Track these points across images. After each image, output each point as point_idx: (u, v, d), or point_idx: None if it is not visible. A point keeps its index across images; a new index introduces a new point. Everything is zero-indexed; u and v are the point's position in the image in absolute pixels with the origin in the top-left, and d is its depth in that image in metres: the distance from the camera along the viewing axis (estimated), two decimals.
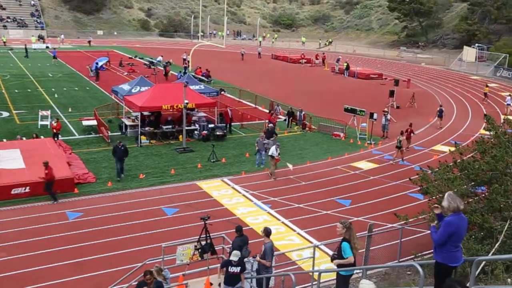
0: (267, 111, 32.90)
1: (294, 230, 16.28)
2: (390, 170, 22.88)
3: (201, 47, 60.25)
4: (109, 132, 25.78)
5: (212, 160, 23.22)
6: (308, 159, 24.18)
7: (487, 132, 14.79)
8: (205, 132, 26.89)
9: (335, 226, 9.48)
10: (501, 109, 37.23)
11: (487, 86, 42.62)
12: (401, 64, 67.33)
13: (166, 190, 19.56)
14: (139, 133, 25.60)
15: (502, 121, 15.29)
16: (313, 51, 77.85)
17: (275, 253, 12.18)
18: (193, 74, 44.40)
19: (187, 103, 24.48)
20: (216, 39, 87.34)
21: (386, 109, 30.28)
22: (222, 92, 37.93)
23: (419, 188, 15.28)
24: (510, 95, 38.07)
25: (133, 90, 28.32)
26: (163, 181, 20.46)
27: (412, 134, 26.68)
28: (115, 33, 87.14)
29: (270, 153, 21.09)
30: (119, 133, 27.25)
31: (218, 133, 27.11)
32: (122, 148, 20.48)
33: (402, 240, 13.72)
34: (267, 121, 28.30)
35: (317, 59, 64.48)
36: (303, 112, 30.40)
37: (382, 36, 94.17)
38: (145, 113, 26.93)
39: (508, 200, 12.20)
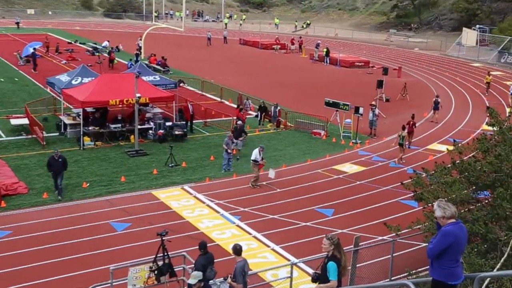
0: (235, 106, 32.89)
1: (268, 246, 16.32)
2: (379, 174, 23.20)
3: (156, 30, 59.76)
4: (44, 132, 25.36)
5: (170, 165, 23.10)
6: (284, 162, 24.29)
7: (490, 128, 15.10)
8: (161, 131, 26.72)
9: (315, 240, 9.56)
10: (506, 100, 38.17)
11: (489, 74, 43.00)
12: (391, 49, 68.39)
13: (115, 201, 19.35)
14: (82, 133, 25.26)
15: (507, 114, 15.62)
16: (288, 35, 78.29)
17: (249, 272, 12.17)
18: (147, 62, 44.03)
19: (139, 97, 24.27)
20: (173, 21, 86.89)
21: (373, 103, 30.69)
22: (182, 84, 37.74)
23: (412, 194, 15.51)
24: None
25: (73, 82, 27.93)
26: (111, 191, 20.25)
27: (414, 127, 27.15)
28: (50, 12, 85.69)
29: (253, 158, 21.02)
30: (57, 134, 26.82)
31: (177, 132, 27.00)
32: (60, 160, 19.51)
33: (394, 255, 13.90)
34: (235, 117, 28.31)
35: (292, 44, 64.87)
36: (278, 108, 30.49)
37: (368, 17, 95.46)
38: (89, 109, 26.60)
39: None
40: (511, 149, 13.32)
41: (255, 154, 21.08)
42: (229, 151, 22.74)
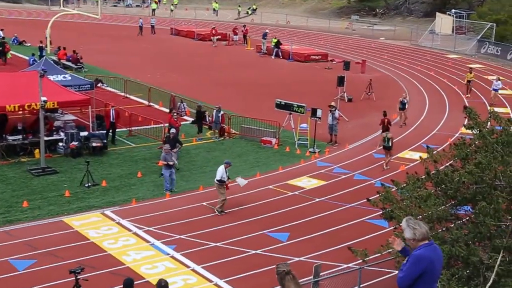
0: (167, 110, 32.74)
1: (211, 281, 16.28)
2: (342, 189, 23.50)
3: (65, 17, 58.94)
4: None
5: (86, 185, 22.83)
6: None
7: (469, 131, 15.51)
8: (74, 143, 26.35)
9: (268, 271, 9.58)
10: (487, 98, 39.30)
11: (471, 72, 42.32)
12: (353, 39, 69.56)
13: (16, 232, 18.92)
14: None
15: (488, 115, 16.07)
16: (230, 23, 78.59)
17: None
18: (54, 58, 43.31)
19: (45, 102, 23.87)
20: (87, 6, 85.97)
21: (333, 104, 31.06)
22: (99, 85, 37.34)
23: (381, 211, 15.76)
24: (499, 78, 40.07)
25: None
26: (10, 220, 19.82)
27: (389, 126, 27.77)
28: None
29: (218, 178, 20.75)
30: None
31: (94, 144, 26.68)
32: None
33: (362, 285, 14.09)
34: (166, 125, 28.19)
35: (235, 34, 65.09)
36: (221, 112, 30.39)
37: (325, 1, 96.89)
38: None
39: (500, 223, 12.78)
40: (493, 156, 13.67)
41: (221, 172, 20.74)
42: (170, 163, 22.49)
